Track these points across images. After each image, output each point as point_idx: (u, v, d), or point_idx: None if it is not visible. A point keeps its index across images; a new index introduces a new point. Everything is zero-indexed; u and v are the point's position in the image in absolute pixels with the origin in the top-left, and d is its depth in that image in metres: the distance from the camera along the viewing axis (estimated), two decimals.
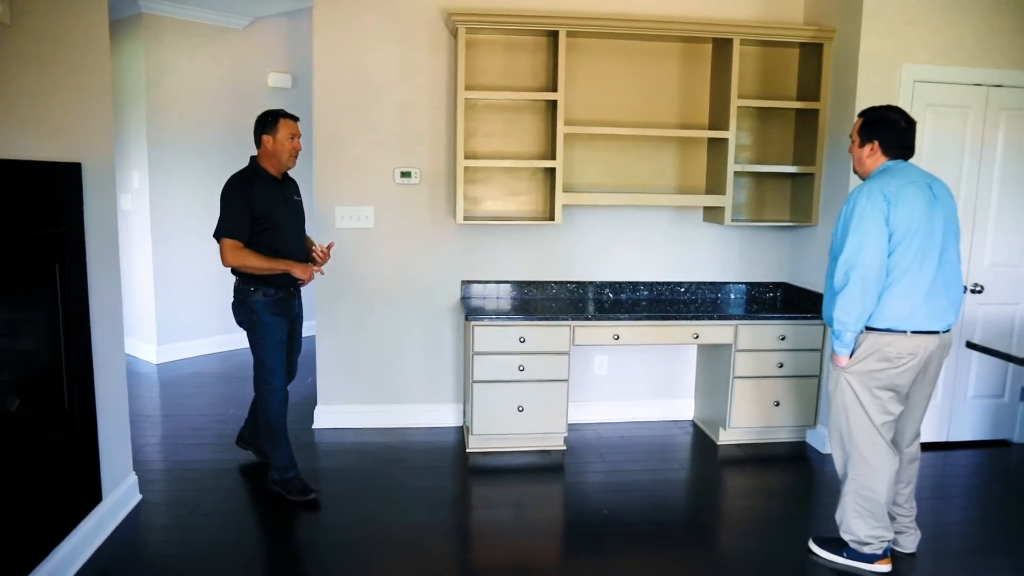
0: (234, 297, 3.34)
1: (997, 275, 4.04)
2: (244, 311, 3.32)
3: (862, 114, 2.84)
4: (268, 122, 3.28)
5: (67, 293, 2.69)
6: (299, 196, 3.50)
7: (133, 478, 3.27)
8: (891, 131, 2.74)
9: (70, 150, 2.73)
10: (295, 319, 3.49)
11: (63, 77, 2.68)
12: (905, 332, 2.67)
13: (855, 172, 2.89)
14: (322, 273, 3.48)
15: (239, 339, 5.96)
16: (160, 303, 5.59)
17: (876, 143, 2.75)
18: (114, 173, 3.10)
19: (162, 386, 5.13)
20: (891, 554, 2.85)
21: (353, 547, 2.97)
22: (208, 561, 2.84)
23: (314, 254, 3.48)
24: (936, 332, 2.70)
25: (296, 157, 3.33)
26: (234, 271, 3.28)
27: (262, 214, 3.23)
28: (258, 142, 3.30)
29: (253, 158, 3.33)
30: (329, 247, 3.49)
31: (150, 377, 5.30)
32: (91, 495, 2.90)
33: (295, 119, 3.33)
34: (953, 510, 3.44)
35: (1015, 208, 4.02)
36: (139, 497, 3.28)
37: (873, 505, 2.78)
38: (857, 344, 2.73)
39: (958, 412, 4.14)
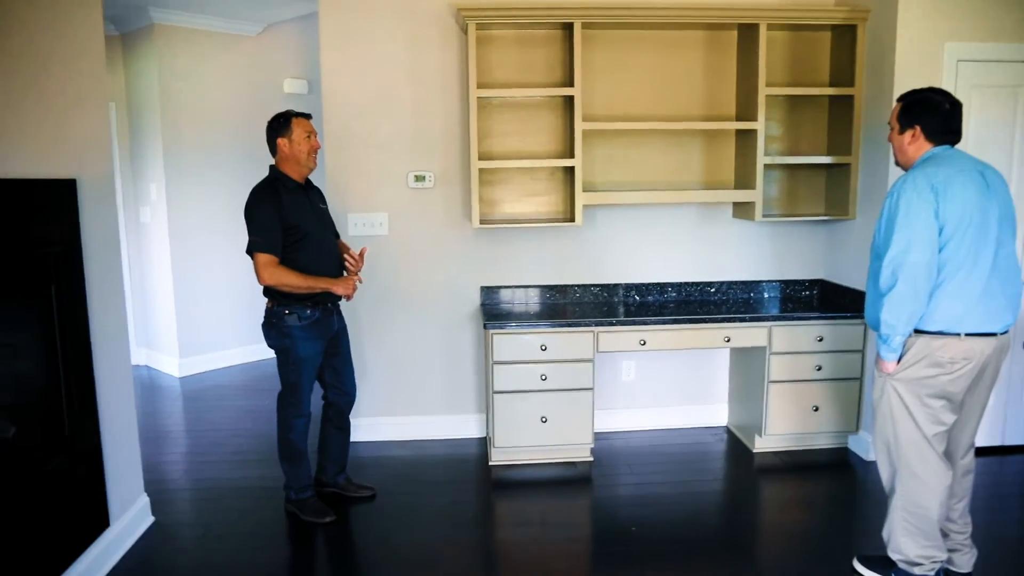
0: (265, 319, 3.14)
1: None
2: (276, 335, 3.11)
3: (901, 98, 2.62)
4: (281, 124, 3.10)
5: (64, 313, 2.60)
6: (325, 204, 3.31)
7: (144, 500, 3.18)
8: (934, 115, 2.52)
9: (63, 167, 2.65)
10: (336, 335, 3.28)
11: (54, 93, 2.59)
12: (959, 335, 2.44)
13: (896, 163, 2.66)
14: (360, 281, 3.23)
15: (261, 350, 5.93)
16: (181, 315, 5.54)
17: (918, 128, 2.53)
18: (114, 188, 3.01)
19: (184, 400, 5.07)
20: (944, 574, 2.63)
21: (373, 569, 2.84)
22: None
23: (347, 263, 3.25)
24: (993, 334, 2.47)
25: (315, 156, 3.15)
26: (265, 291, 3.09)
27: (292, 223, 3.03)
28: (273, 148, 3.12)
29: (272, 167, 3.16)
30: (362, 253, 3.28)
31: (173, 391, 5.25)
32: (98, 521, 2.81)
33: (308, 117, 3.16)
34: (1011, 523, 3.19)
35: None
36: (151, 520, 3.19)
37: (924, 523, 2.56)
38: (905, 349, 2.51)
39: (1014, 413, 3.87)
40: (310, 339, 3.11)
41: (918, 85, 3.41)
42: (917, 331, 2.49)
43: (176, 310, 5.51)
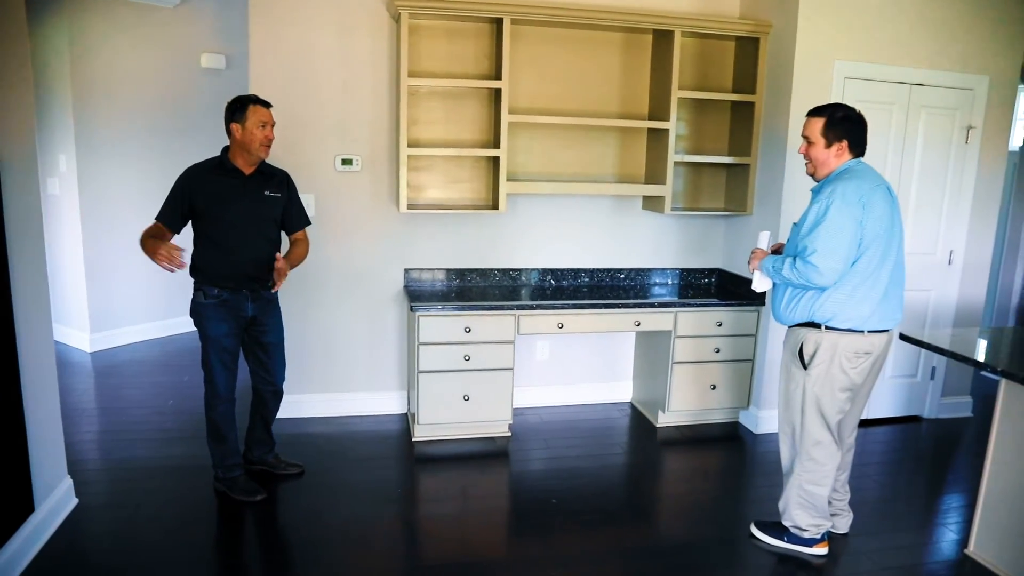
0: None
1: (913, 263, 4.28)
2: (192, 312, 3.19)
3: (819, 113, 2.77)
4: (236, 109, 3.07)
5: None
6: (276, 192, 3.23)
7: (68, 482, 3.13)
8: (859, 129, 2.73)
9: None
10: (256, 323, 3.26)
11: None
12: (863, 332, 2.74)
13: (809, 174, 2.85)
14: (172, 270, 3.00)
15: (175, 324, 5.82)
16: (92, 289, 5.38)
17: (845, 143, 2.72)
18: (37, 168, 2.91)
19: (97, 376, 4.93)
20: (827, 537, 3.02)
21: (303, 547, 2.95)
22: (151, 566, 2.76)
23: (276, 269, 3.14)
24: (887, 330, 2.81)
25: (268, 147, 3.12)
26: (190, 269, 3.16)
27: (202, 206, 3.07)
28: (228, 131, 3.10)
29: (225, 148, 3.15)
30: (278, 259, 3.14)
31: (84, 367, 5.08)
32: (22, 506, 2.76)
33: (267, 105, 3.12)
34: (873, 488, 3.67)
35: (931, 201, 4.27)
36: (75, 502, 3.15)
37: (816, 499, 2.92)
38: (816, 347, 2.79)
39: (878, 391, 4.40)
40: (217, 319, 3.14)
41: (812, 96, 3.82)
42: (828, 328, 2.75)
43: (87, 284, 5.35)
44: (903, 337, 3.16)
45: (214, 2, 5.57)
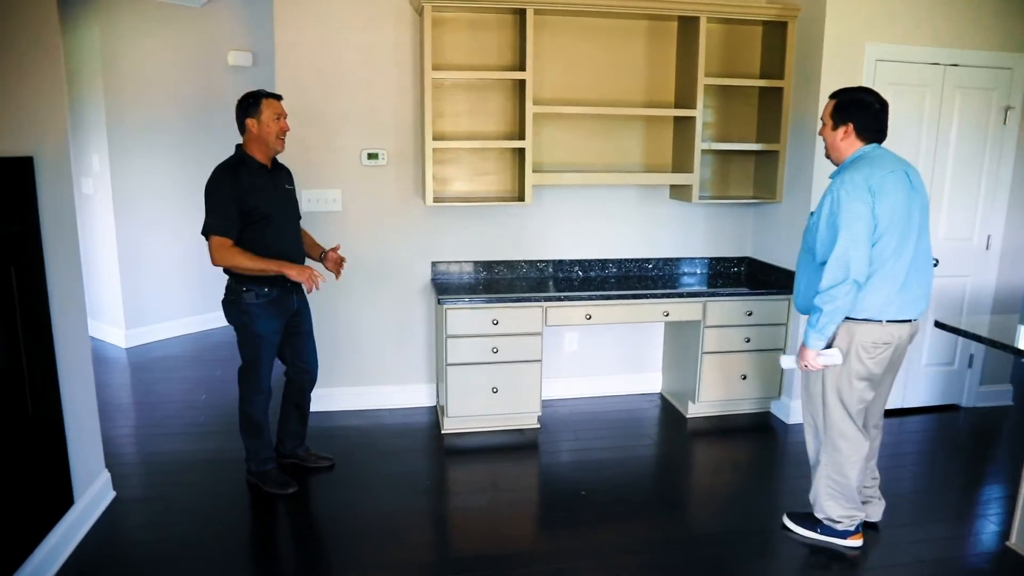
0: (225, 296, 3.18)
1: (950, 249, 4.20)
2: (235, 312, 3.16)
3: (834, 95, 2.77)
4: (250, 104, 3.08)
5: (24, 295, 2.58)
6: (292, 185, 3.32)
7: (106, 476, 3.20)
8: (865, 113, 2.68)
9: (20, 144, 2.59)
10: (297, 314, 3.33)
11: (9, 68, 2.53)
12: (881, 321, 2.69)
13: (827, 157, 2.83)
14: (323, 279, 3.17)
15: (209, 320, 5.92)
16: (127, 286, 5.49)
17: (850, 126, 2.69)
18: (70, 164, 2.96)
19: (132, 371, 5.03)
20: (862, 528, 2.97)
21: (335, 539, 2.97)
22: (186, 558, 2.81)
23: (328, 262, 3.36)
24: (909, 320, 2.74)
25: (284, 139, 3.15)
26: (225, 269, 3.12)
27: (251, 206, 3.05)
28: (242, 128, 3.11)
29: (239, 146, 3.15)
30: (335, 250, 3.40)
31: (119, 362, 5.19)
32: (63, 499, 2.83)
33: (278, 98, 3.15)
34: (908, 478, 3.61)
35: (967, 185, 4.16)
36: (113, 494, 3.22)
37: (846, 489, 2.88)
38: (833, 337, 2.74)
39: (913, 380, 4.33)
40: (268, 317, 3.17)
41: (842, 80, 3.74)
42: (845, 318, 2.70)
43: (122, 280, 5.46)
44: (939, 324, 3.09)
45: (240, 0, 5.62)
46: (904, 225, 2.63)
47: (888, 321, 2.69)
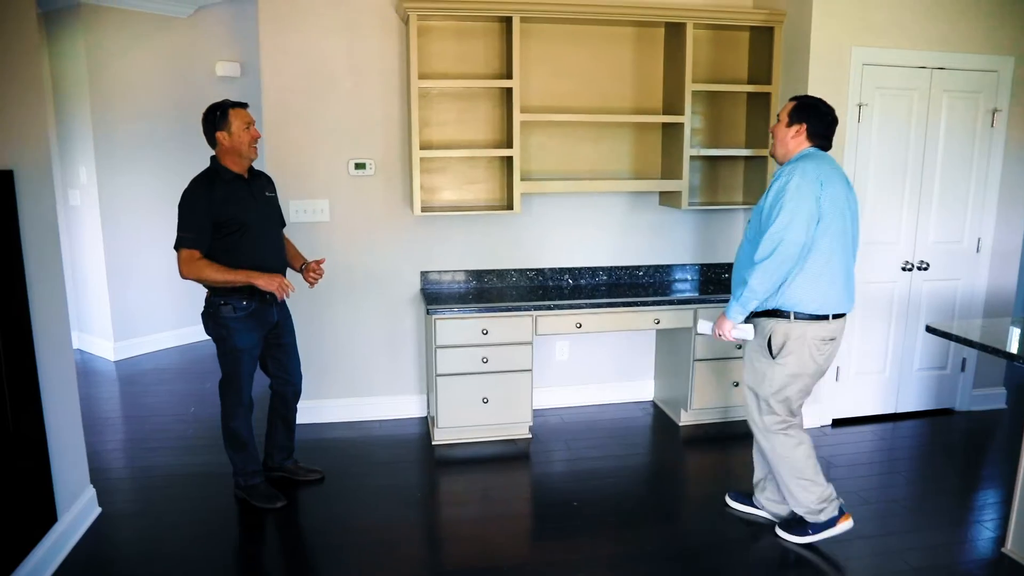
0: (204, 309, 3.13)
1: (940, 252, 4.19)
2: (213, 325, 3.12)
3: (795, 98, 2.91)
4: (218, 117, 3.03)
5: (4, 309, 2.55)
6: (273, 192, 3.27)
7: (91, 492, 3.16)
8: (820, 119, 2.83)
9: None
10: (278, 326, 3.28)
11: None
12: (828, 317, 2.80)
13: (771, 155, 2.96)
14: (292, 291, 3.14)
15: (198, 332, 5.82)
16: (115, 298, 5.46)
17: (804, 126, 2.83)
18: (52, 176, 2.93)
19: (120, 384, 4.99)
20: (845, 509, 2.98)
21: (325, 552, 2.93)
22: (174, 575, 2.76)
23: (306, 272, 3.32)
24: (844, 315, 2.87)
25: (256, 146, 3.11)
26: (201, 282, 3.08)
27: (226, 216, 3.00)
28: (212, 141, 3.07)
29: (213, 158, 3.11)
30: (319, 263, 3.35)
31: (108, 375, 5.15)
32: (46, 516, 2.79)
33: (244, 106, 3.10)
34: (903, 483, 3.58)
35: (956, 188, 4.16)
36: (98, 511, 3.17)
37: (806, 472, 2.92)
38: (785, 338, 2.82)
39: (906, 384, 4.31)
40: (246, 330, 3.12)
41: (829, 84, 3.76)
42: (797, 316, 2.78)
43: (110, 293, 5.43)
44: (930, 329, 3.08)
45: (227, 11, 5.62)
46: (842, 222, 2.77)
47: (833, 316, 2.81)
